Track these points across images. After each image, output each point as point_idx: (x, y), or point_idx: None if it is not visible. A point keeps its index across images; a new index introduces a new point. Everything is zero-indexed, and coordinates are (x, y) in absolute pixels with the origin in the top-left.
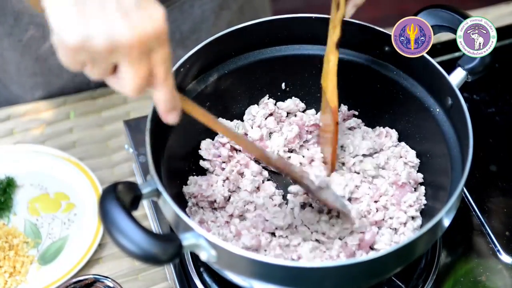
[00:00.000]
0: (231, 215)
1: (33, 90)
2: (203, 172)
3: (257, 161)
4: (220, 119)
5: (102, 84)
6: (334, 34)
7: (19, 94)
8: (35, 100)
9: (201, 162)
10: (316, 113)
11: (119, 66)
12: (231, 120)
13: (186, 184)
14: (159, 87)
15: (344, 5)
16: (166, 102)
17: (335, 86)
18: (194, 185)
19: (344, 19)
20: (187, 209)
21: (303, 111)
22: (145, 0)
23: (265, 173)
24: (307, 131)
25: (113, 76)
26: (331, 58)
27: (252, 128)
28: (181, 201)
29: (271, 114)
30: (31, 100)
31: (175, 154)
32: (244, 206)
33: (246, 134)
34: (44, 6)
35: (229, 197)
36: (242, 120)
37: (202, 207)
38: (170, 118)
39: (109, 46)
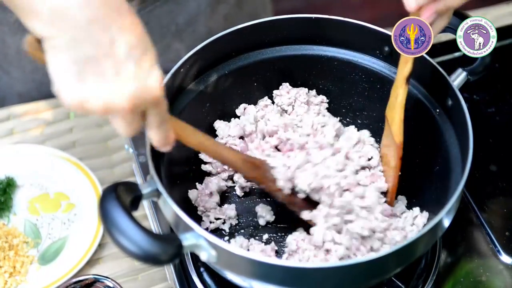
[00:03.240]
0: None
1: (33, 73)
2: (203, 172)
3: None
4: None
5: None
6: (405, 68)
7: (19, 77)
8: (36, 84)
9: (203, 166)
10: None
11: (114, 116)
12: (229, 121)
13: (185, 183)
14: (153, 130)
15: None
16: (158, 141)
17: (401, 120)
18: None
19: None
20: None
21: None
22: (143, 66)
23: None
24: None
25: (112, 117)
26: (400, 92)
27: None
28: (181, 201)
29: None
30: (31, 83)
31: (175, 154)
32: None
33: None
34: (46, 58)
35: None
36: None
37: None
38: (164, 149)
39: (104, 109)
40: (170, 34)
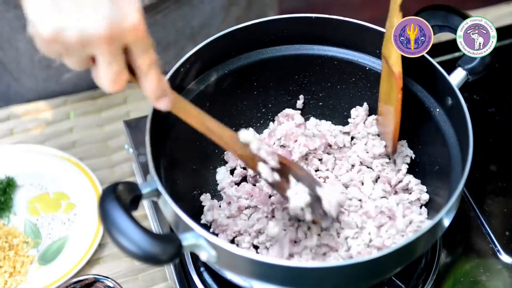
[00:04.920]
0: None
1: (46, 82)
2: (203, 171)
3: None
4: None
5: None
6: None
7: (31, 86)
8: (47, 93)
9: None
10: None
11: (95, 59)
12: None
13: (185, 183)
14: (144, 77)
15: None
16: (154, 91)
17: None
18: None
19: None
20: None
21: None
22: None
23: None
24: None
25: (93, 68)
26: (395, 21)
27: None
28: (181, 201)
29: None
30: (43, 93)
31: (175, 153)
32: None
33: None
34: None
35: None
36: (246, 125)
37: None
38: (162, 104)
39: (81, 39)
40: (184, 37)
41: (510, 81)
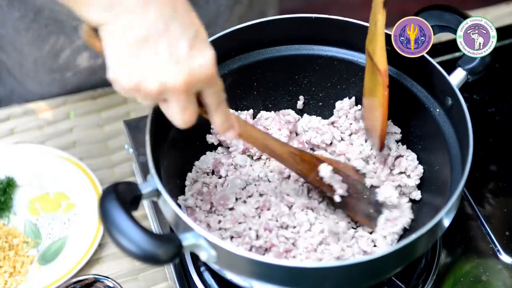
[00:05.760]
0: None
1: (50, 86)
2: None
3: None
4: None
5: (103, 84)
6: None
7: (35, 90)
8: (51, 96)
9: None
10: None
11: (168, 101)
12: None
13: (185, 183)
14: (213, 113)
15: None
16: (222, 125)
17: (383, 48)
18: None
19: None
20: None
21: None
22: (196, 46)
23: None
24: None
25: (164, 104)
26: (379, 18)
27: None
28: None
29: None
30: (48, 96)
31: (175, 154)
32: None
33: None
34: (102, 44)
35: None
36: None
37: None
38: (229, 135)
39: (160, 90)
40: None
41: (510, 81)
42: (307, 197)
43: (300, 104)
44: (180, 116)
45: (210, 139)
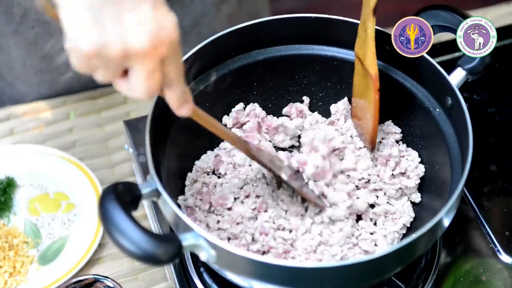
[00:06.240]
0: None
1: (39, 87)
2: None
3: None
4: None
5: (103, 84)
6: (371, 0)
7: (24, 91)
8: (41, 98)
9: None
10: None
11: (130, 70)
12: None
13: (185, 183)
14: (171, 86)
15: None
16: (179, 99)
17: (374, 53)
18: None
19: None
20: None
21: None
22: (159, 9)
23: None
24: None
25: (123, 79)
26: (369, 25)
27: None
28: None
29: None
30: (37, 98)
31: (175, 154)
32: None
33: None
34: (58, 11)
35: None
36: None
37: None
38: (183, 111)
39: (124, 53)
40: None
41: (510, 81)
42: (300, 205)
43: (306, 103)
44: (144, 84)
45: (227, 119)
